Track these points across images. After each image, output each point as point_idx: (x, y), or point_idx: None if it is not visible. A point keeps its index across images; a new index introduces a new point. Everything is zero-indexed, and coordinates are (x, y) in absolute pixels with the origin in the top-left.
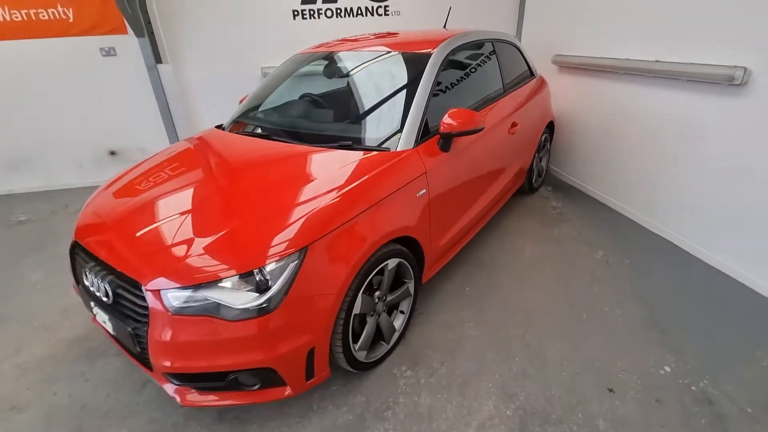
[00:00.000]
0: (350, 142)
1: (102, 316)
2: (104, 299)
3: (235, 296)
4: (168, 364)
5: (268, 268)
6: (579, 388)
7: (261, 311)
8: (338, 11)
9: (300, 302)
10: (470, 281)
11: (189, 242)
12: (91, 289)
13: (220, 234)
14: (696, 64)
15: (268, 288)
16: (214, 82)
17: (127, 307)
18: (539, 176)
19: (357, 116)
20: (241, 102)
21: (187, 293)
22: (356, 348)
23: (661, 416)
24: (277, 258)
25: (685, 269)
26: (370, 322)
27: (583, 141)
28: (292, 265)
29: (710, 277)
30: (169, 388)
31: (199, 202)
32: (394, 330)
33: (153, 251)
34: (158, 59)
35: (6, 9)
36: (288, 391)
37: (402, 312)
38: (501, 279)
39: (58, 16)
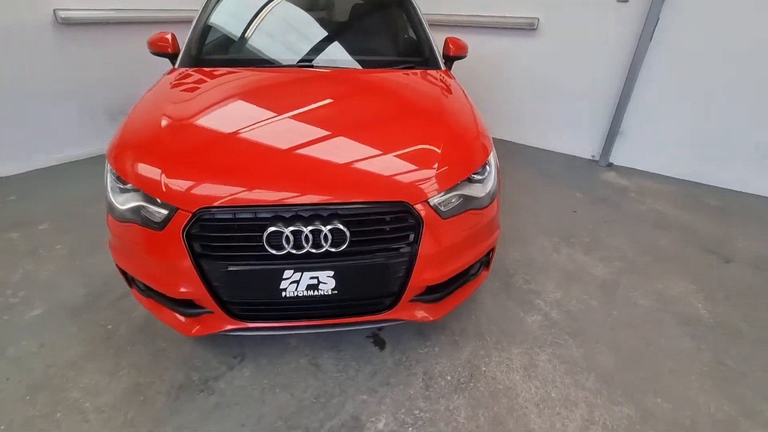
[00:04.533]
0: (412, 65)
1: (307, 282)
2: (331, 249)
3: (476, 187)
4: (431, 276)
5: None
6: None
7: (494, 195)
8: None
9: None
10: None
11: (422, 155)
12: (294, 251)
13: (446, 142)
14: (508, 17)
15: (485, 179)
16: None
17: (371, 242)
18: None
19: (396, 43)
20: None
21: (448, 196)
22: None
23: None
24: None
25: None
26: None
27: None
28: (492, 153)
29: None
30: (417, 312)
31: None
32: None
33: (372, 173)
34: None
35: None
36: (486, 273)
37: None
38: None
39: None
